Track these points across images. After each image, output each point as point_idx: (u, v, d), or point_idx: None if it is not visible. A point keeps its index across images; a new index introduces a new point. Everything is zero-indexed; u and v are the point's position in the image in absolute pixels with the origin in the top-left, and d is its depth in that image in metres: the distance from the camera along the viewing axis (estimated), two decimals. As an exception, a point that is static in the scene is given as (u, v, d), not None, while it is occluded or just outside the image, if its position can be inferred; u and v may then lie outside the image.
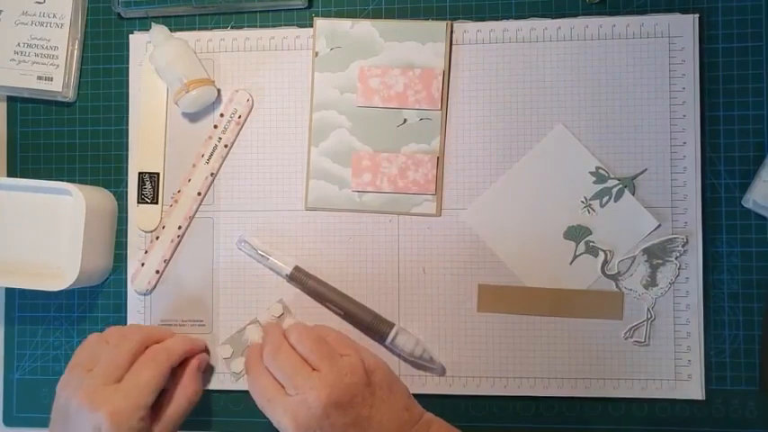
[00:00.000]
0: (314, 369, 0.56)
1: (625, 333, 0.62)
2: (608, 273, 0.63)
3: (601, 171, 0.63)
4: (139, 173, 0.67)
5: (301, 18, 0.67)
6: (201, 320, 0.66)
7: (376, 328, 0.63)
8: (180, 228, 0.66)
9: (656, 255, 0.62)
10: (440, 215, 0.64)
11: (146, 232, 0.67)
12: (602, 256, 0.62)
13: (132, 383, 0.56)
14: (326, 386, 0.54)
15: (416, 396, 0.59)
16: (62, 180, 0.65)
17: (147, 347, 0.59)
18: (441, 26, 0.64)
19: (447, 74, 0.64)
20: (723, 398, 0.62)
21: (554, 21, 0.64)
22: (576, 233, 0.63)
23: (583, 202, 0.63)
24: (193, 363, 0.61)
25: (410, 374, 0.64)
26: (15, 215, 0.65)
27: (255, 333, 0.65)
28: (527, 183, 0.63)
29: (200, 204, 0.66)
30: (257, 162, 0.66)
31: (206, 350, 0.65)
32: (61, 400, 0.57)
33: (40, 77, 0.67)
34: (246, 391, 0.65)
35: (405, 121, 0.65)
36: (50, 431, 0.57)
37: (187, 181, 0.66)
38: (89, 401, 0.54)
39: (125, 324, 0.67)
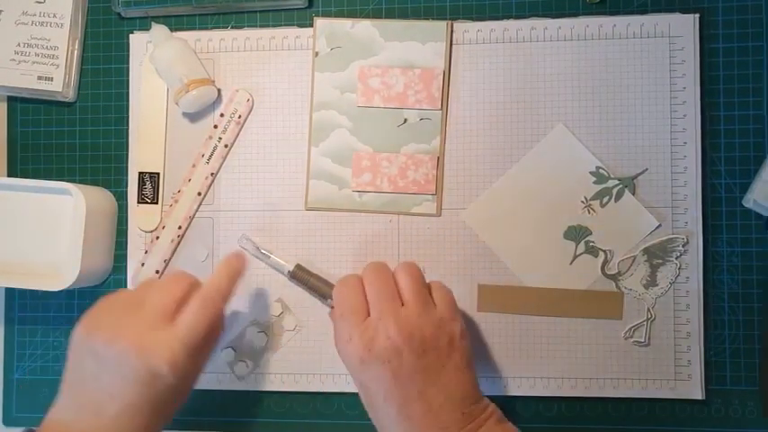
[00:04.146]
0: (403, 303, 0.54)
1: (625, 333, 0.62)
2: (608, 273, 0.63)
3: (601, 171, 0.63)
4: (139, 173, 0.67)
5: (301, 18, 0.67)
6: (201, 320, 0.66)
7: None
8: (180, 228, 0.66)
9: (657, 255, 0.62)
10: (440, 215, 0.64)
11: (146, 232, 0.67)
12: (602, 256, 0.62)
13: (186, 326, 0.53)
14: (409, 325, 0.53)
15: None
16: (62, 180, 0.65)
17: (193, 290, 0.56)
18: (441, 26, 0.64)
19: (447, 74, 0.64)
20: (723, 398, 0.62)
21: (554, 21, 0.64)
22: (576, 233, 0.63)
23: (583, 202, 0.63)
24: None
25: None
26: (15, 215, 0.65)
27: (256, 334, 0.65)
28: (527, 183, 0.63)
29: (200, 204, 0.66)
30: (257, 162, 0.66)
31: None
32: (98, 343, 0.52)
33: (40, 77, 0.67)
34: (247, 392, 0.65)
35: (405, 120, 0.65)
36: (70, 379, 0.54)
37: (187, 181, 0.66)
38: (139, 346, 0.51)
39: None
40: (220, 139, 0.66)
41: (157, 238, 0.66)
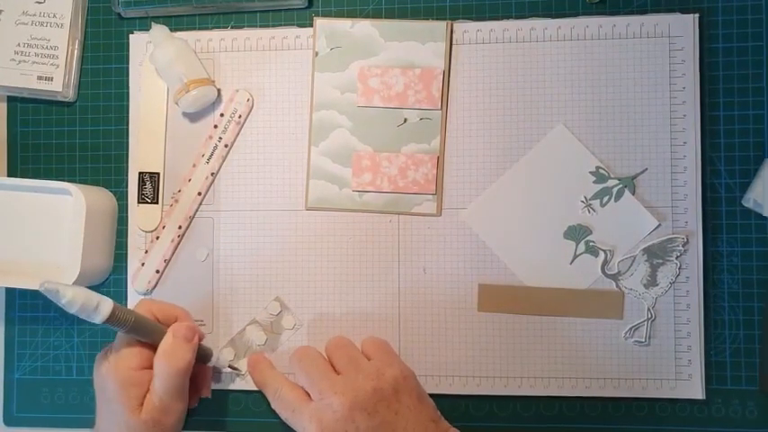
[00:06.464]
0: (338, 373, 0.56)
1: (625, 333, 0.62)
2: (608, 272, 0.63)
3: (601, 171, 0.63)
4: (139, 173, 0.67)
5: (301, 18, 0.67)
6: (202, 320, 0.66)
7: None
8: (180, 228, 0.66)
9: (657, 254, 0.62)
10: (440, 215, 0.64)
11: (146, 232, 0.67)
12: (602, 256, 0.62)
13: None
14: (351, 390, 0.54)
15: (416, 396, 0.59)
16: (62, 180, 0.65)
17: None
18: (441, 26, 0.64)
19: (447, 74, 0.64)
20: (723, 398, 0.62)
21: (554, 21, 0.64)
22: (576, 233, 0.63)
23: (583, 201, 0.63)
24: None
25: (410, 374, 0.64)
26: (15, 215, 0.65)
27: (256, 333, 0.65)
28: (527, 183, 0.63)
29: (200, 204, 0.66)
30: (257, 162, 0.66)
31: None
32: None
33: (40, 77, 0.67)
34: (247, 391, 0.65)
35: (405, 120, 0.65)
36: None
37: (187, 181, 0.66)
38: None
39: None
40: (220, 138, 0.66)
41: (157, 237, 0.66)
